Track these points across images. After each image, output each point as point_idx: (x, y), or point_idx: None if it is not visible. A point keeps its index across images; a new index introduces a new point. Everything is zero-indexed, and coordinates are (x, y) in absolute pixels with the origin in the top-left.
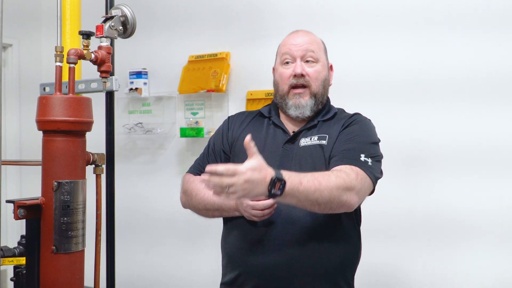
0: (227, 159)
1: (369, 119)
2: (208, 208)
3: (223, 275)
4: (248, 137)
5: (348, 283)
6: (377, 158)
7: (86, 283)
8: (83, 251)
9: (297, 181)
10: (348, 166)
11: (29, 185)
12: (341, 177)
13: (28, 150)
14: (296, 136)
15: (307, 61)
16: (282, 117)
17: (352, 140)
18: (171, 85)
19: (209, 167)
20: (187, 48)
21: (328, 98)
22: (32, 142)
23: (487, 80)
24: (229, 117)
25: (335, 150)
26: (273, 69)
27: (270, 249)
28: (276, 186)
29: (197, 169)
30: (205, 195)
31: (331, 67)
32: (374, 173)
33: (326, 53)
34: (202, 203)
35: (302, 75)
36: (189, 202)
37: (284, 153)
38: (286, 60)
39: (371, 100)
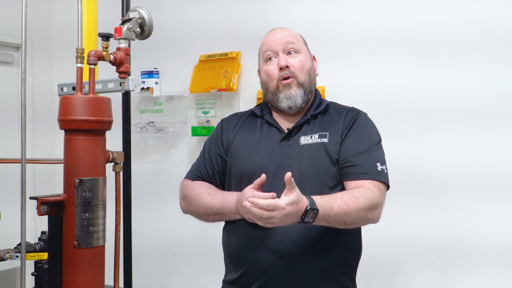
0: (223, 162)
1: (366, 113)
2: (208, 213)
3: (226, 272)
4: (288, 174)
5: (351, 278)
6: (385, 160)
7: None
8: (103, 246)
9: (328, 207)
10: (371, 182)
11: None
12: (368, 198)
13: (39, 146)
14: (291, 133)
15: (289, 53)
16: (275, 115)
17: (364, 143)
18: (182, 84)
19: (253, 199)
20: (198, 47)
21: (317, 90)
22: (42, 140)
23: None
24: (222, 120)
25: (347, 154)
26: (258, 71)
27: (273, 248)
28: (309, 215)
29: (195, 174)
30: (204, 200)
31: (314, 58)
32: (388, 179)
33: (307, 45)
34: (202, 208)
35: (287, 67)
36: (189, 207)
37: (281, 151)
38: (269, 56)
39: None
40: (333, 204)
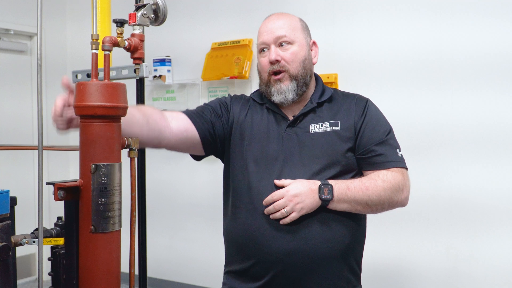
0: (218, 120)
1: (370, 100)
2: None
3: (229, 263)
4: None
5: (358, 264)
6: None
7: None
8: (119, 231)
9: (345, 186)
10: (395, 169)
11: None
12: (388, 180)
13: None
14: (296, 120)
15: (282, 45)
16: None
17: (380, 131)
18: (194, 72)
19: (264, 201)
20: (210, 35)
21: (318, 77)
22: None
23: None
24: (230, 95)
25: (368, 144)
26: None
27: (285, 237)
28: (325, 191)
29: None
30: None
31: (314, 44)
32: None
33: (306, 30)
34: None
35: (277, 61)
36: None
37: (289, 139)
38: (262, 48)
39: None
40: (349, 184)
